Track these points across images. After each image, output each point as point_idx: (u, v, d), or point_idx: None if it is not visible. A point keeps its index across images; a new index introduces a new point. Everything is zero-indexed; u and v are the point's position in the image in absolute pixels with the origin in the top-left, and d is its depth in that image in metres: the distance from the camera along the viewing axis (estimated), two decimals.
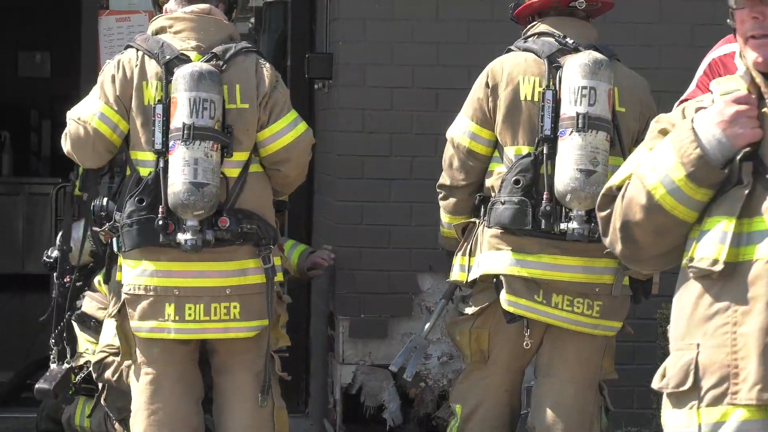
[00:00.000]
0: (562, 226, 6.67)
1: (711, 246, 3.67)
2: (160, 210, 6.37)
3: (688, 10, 8.57)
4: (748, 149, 3.67)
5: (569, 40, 6.80)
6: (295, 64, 8.79)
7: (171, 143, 6.37)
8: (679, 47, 8.56)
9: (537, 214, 6.77)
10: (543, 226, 6.71)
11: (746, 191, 3.62)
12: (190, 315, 6.48)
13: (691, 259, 3.72)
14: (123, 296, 6.46)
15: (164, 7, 6.84)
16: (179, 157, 6.37)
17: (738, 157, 3.66)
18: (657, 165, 3.77)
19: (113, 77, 6.50)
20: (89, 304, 7.60)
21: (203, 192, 6.34)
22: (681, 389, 3.74)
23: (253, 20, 9.89)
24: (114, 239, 6.53)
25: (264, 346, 6.61)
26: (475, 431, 7.04)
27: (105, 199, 6.62)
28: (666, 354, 7.34)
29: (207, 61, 6.59)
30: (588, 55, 6.63)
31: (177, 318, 6.46)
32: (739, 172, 3.67)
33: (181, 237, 6.35)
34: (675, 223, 3.75)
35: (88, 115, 6.44)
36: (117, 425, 7.22)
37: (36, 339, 11.00)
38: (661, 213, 3.72)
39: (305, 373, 8.92)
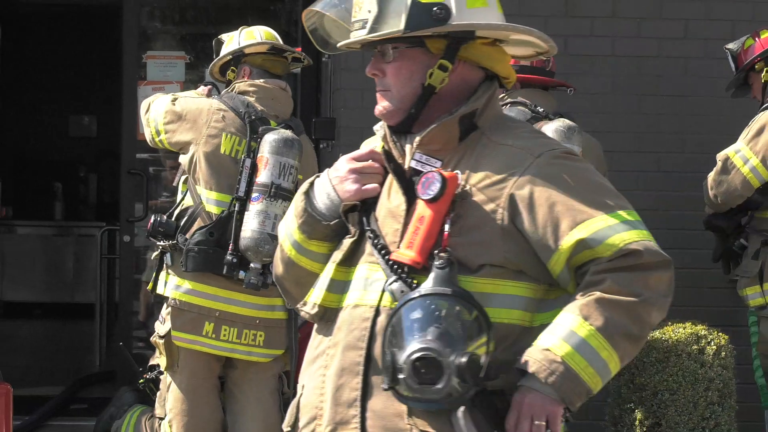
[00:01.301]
0: None
1: (317, 291, 3.45)
2: (230, 247, 6.41)
3: (637, 82, 8.64)
4: (353, 203, 3.41)
5: (540, 109, 6.88)
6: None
7: (255, 195, 6.40)
8: (629, 114, 8.68)
9: None
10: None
11: (351, 240, 3.38)
12: (224, 335, 6.54)
13: (304, 303, 3.51)
14: (168, 307, 6.48)
15: (239, 76, 6.81)
16: (261, 209, 6.43)
17: (341, 210, 3.43)
18: (286, 220, 3.56)
19: (197, 105, 6.51)
20: None
21: (274, 244, 6.29)
22: (286, 429, 3.50)
23: None
24: (169, 254, 6.53)
25: (276, 368, 6.68)
26: None
27: (165, 217, 6.59)
28: (618, 375, 7.44)
29: (285, 129, 6.73)
30: (562, 122, 6.75)
31: (213, 336, 6.51)
32: (347, 223, 3.44)
33: (243, 275, 6.41)
34: (306, 273, 3.51)
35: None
36: (159, 426, 7.22)
37: (83, 360, 11.02)
38: (293, 265, 3.51)
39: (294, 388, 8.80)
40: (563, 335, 3.18)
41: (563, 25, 8.64)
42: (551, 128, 6.72)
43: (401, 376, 3.20)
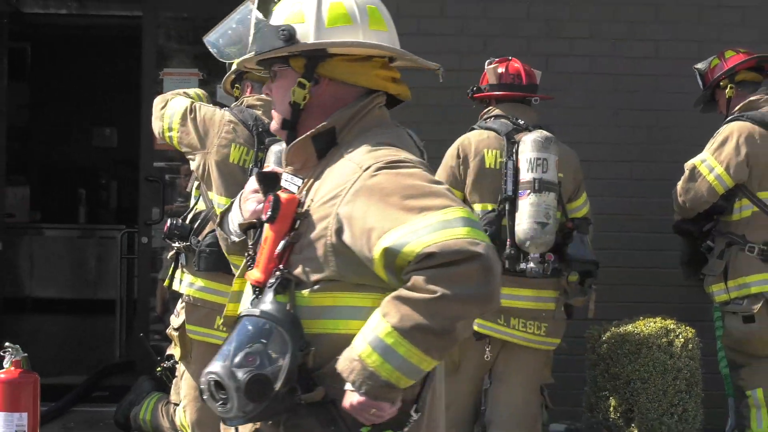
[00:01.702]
0: (522, 265, 6.85)
1: (228, 302, 3.48)
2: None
3: (612, 97, 8.71)
4: (250, 221, 3.42)
5: (521, 122, 6.96)
6: None
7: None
8: (606, 126, 8.74)
9: (501, 257, 6.94)
10: (506, 266, 6.86)
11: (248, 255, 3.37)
12: None
13: None
14: (183, 303, 6.58)
15: (243, 91, 6.89)
16: None
17: (239, 228, 3.48)
18: None
19: (212, 115, 6.56)
20: None
21: None
22: None
23: None
24: (184, 254, 6.62)
25: None
26: (447, 426, 7.09)
27: (180, 220, 6.70)
28: (594, 365, 7.50)
29: None
30: (540, 133, 6.82)
31: (224, 329, 6.56)
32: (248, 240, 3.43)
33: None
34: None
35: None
36: (175, 411, 7.34)
37: (105, 351, 11.16)
38: None
39: None
40: (366, 335, 3.11)
41: (545, 45, 8.74)
42: (530, 138, 6.84)
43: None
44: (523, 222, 6.79)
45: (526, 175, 6.78)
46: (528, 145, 6.80)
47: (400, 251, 3.04)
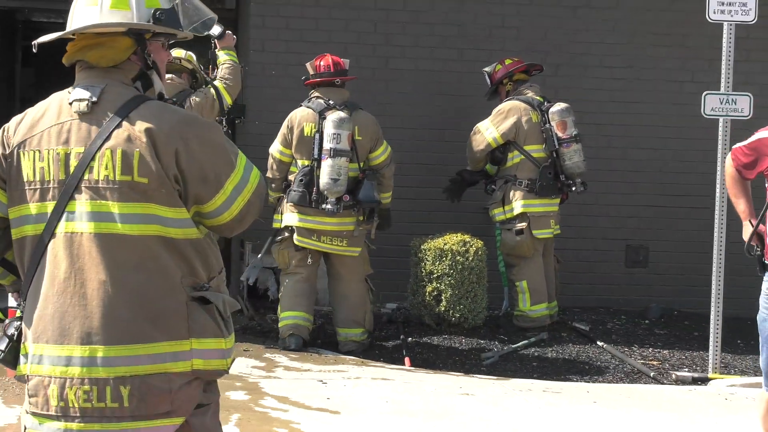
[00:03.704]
0: (323, 205, 7.47)
1: None
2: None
3: (433, 86, 8.83)
4: None
5: (331, 102, 7.62)
6: None
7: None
8: (430, 105, 8.95)
9: (311, 198, 7.57)
10: (314, 205, 7.54)
11: None
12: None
13: None
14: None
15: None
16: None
17: None
18: None
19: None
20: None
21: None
22: None
23: None
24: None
25: None
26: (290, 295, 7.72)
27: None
28: (415, 265, 8.03)
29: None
30: (338, 114, 7.49)
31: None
32: None
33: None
34: None
35: None
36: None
37: None
38: None
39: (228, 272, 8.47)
40: None
41: (385, 50, 9.03)
42: (331, 118, 7.55)
43: None
44: (323, 177, 7.47)
45: (326, 144, 7.44)
46: (329, 122, 7.46)
47: None
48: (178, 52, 7.50)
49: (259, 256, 7.89)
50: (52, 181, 2.87)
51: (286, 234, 7.52)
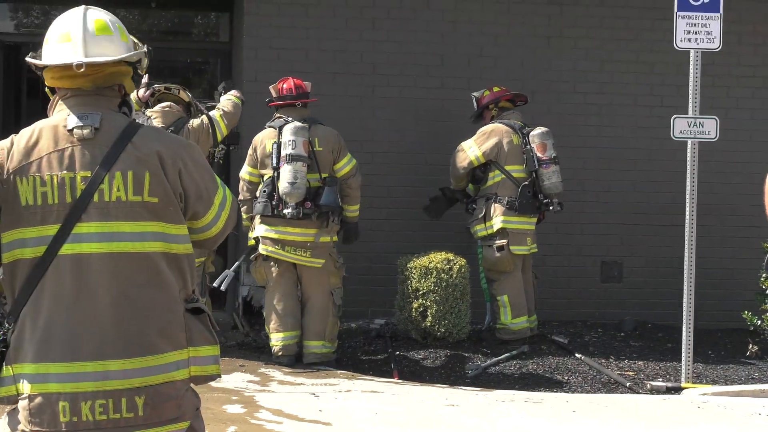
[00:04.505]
0: (285, 211, 7.46)
1: None
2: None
3: (420, 114, 8.93)
4: None
5: (289, 119, 7.59)
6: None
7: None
8: (414, 131, 8.86)
9: (273, 205, 7.47)
10: (276, 212, 7.43)
11: None
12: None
13: None
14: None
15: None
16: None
17: None
18: None
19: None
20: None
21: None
22: None
23: None
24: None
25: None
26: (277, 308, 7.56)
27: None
28: (402, 282, 7.96)
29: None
30: (294, 125, 7.47)
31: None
32: None
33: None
34: None
35: None
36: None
37: None
38: None
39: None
40: None
41: (371, 79, 8.95)
42: (287, 128, 7.50)
43: None
44: (282, 182, 7.39)
45: (283, 152, 7.40)
46: (285, 131, 7.46)
47: None
48: (174, 85, 7.65)
49: (233, 267, 7.84)
50: (56, 204, 2.86)
51: (260, 250, 7.46)
